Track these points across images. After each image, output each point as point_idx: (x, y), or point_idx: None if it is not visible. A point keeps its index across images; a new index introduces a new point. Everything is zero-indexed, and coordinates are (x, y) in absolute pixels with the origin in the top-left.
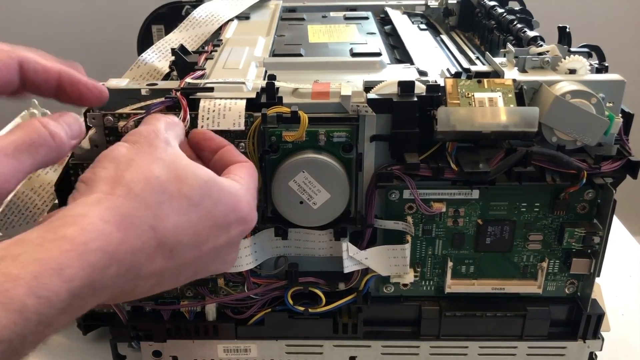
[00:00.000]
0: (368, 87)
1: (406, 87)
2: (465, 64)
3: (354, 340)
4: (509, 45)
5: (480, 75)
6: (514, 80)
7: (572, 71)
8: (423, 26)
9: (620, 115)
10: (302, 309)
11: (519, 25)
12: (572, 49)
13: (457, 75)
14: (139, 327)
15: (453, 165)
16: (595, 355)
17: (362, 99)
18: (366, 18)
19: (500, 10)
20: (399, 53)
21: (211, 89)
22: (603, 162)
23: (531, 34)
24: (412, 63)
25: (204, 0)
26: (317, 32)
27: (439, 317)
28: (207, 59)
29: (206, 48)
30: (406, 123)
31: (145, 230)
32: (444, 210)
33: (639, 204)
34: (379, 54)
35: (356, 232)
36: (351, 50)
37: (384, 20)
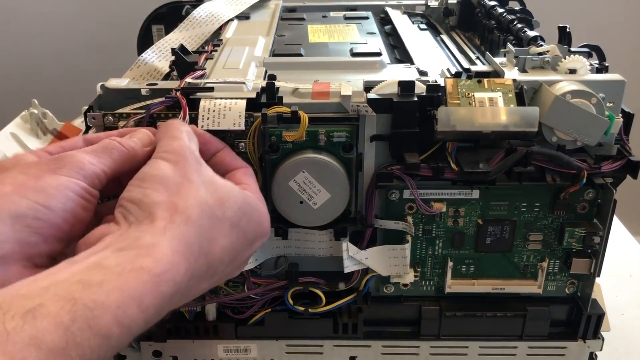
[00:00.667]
0: (368, 87)
1: (406, 87)
2: (466, 64)
3: (354, 340)
4: (509, 45)
5: (481, 75)
6: (514, 80)
7: (572, 71)
8: (423, 26)
9: (620, 115)
10: (302, 309)
11: (519, 25)
12: (572, 49)
13: (457, 75)
14: None
15: (453, 165)
16: (595, 355)
17: (362, 99)
18: (366, 18)
19: (500, 10)
20: (399, 53)
21: (211, 89)
22: (603, 162)
23: (531, 33)
24: (412, 63)
25: (204, 0)
26: (317, 32)
27: (439, 317)
28: (207, 58)
29: (206, 48)
30: (406, 123)
31: (201, 256)
32: (444, 210)
33: (639, 204)
34: (379, 54)
35: (356, 232)
36: (351, 50)
37: (384, 20)
